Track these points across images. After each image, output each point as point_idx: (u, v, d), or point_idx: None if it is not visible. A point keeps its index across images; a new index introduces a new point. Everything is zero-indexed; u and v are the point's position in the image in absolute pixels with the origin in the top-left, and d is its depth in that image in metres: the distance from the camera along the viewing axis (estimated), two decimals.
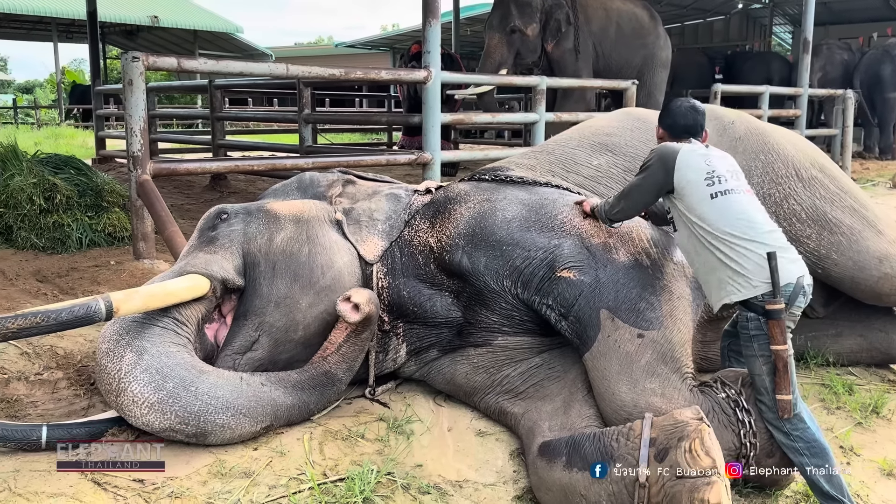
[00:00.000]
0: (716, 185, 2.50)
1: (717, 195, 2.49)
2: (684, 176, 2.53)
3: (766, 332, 2.35)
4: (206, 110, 10.43)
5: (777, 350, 2.33)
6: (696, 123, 2.73)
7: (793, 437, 2.39)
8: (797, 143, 3.88)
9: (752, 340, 2.41)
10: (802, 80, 10.84)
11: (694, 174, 2.52)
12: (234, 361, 2.79)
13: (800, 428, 2.38)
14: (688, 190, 2.52)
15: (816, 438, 2.38)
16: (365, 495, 2.35)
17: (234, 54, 24.95)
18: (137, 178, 4.40)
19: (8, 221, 5.26)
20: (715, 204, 2.48)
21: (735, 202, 2.49)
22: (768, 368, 2.38)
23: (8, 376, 3.03)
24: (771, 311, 2.33)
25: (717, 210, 2.47)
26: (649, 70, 10.25)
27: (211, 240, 2.98)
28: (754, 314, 2.39)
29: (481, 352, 3.02)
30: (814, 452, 2.37)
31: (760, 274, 2.37)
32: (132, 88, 4.37)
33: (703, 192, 2.50)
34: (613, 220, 2.81)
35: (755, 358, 2.41)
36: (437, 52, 5.91)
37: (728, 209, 2.47)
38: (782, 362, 2.33)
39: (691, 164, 2.54)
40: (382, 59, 27.58)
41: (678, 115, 2.74)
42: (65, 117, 22.51)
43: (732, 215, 2.46)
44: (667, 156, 2.59)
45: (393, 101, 14.83)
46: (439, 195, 3.29)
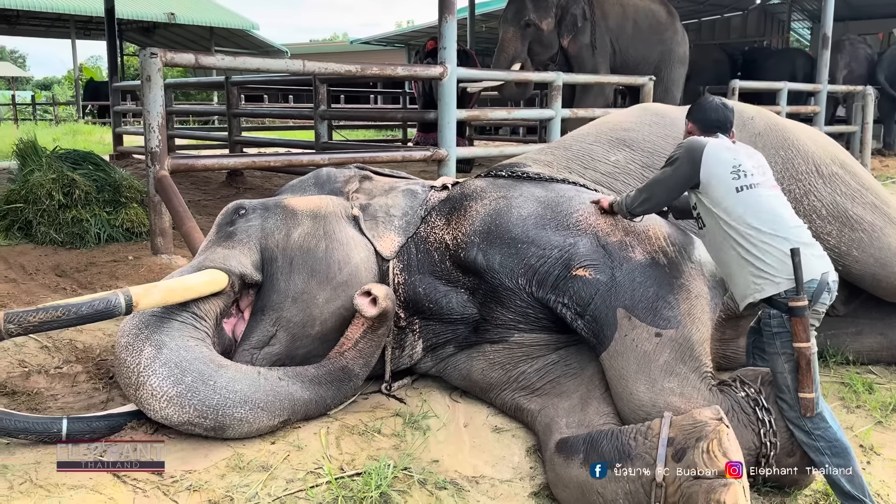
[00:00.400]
0: (741, 178, 2.48)
1: (742, 189, 2.46)
2: (710, 169, 2.51)
3: (789, 329, 2.33)
4: (223, 107, 10.47)
5: (800, 347, 2.30)
6: (727, 119, 2.72)
7: (814, 436, 2.36)
8: (817, 139, 3.84)
9: (774, 338, 2.38)
10: (821, 76, 10.74)
11: (720, 168, 2.50)
12: (251, 356, 2.80)
13: (821, 427, 2.35)
14: (713, 183, 2.50)
15: (838, 438, 2.35)
16: (382, 490, 2.35)
17: (250, 51, 25.05)
18: (155, 173, 4.43)
19: (28, 216, 5.32)
20: (740, 198, 2.46)
21: (761, 197, 2.46)
22: (790, 366, 2.35)
23: (28, 369, 3.06)
24: (794, 308, 2.31)
25: (743, 204, 2.45)
26: (667, 66, 10.18)
27: (229, 235, 2.99)
28: (777, 311, 2.36)
29: (497, 348, 3.01)
30: (835, 452, 2.35)
31: (783, 270, 2.34)
32: (150, 84, 4.39)
33: (729, 186, 2.48)
34: (635, 213, 2.78)
35: (777, 355, 2.38)
36: (453, 48, 5.90)
37: (753, 203, 2.45)
38: (805, 360, 2.30)
39: (718, 158, 2.52)
40: (397, 56, 27.59)
41: (709, 110, 2.72)
42: (81, 114, 22.69)
43: (758, 210, 2.43)
44: (693, 149, 2.57)
45: (408, 97, 14.84)
46: (455, 191, 3.28)
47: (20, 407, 2.78)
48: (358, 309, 2.77)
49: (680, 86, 10.54)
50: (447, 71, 5.84)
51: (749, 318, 3.32)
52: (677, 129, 3.53)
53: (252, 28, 24.55)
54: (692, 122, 2.76)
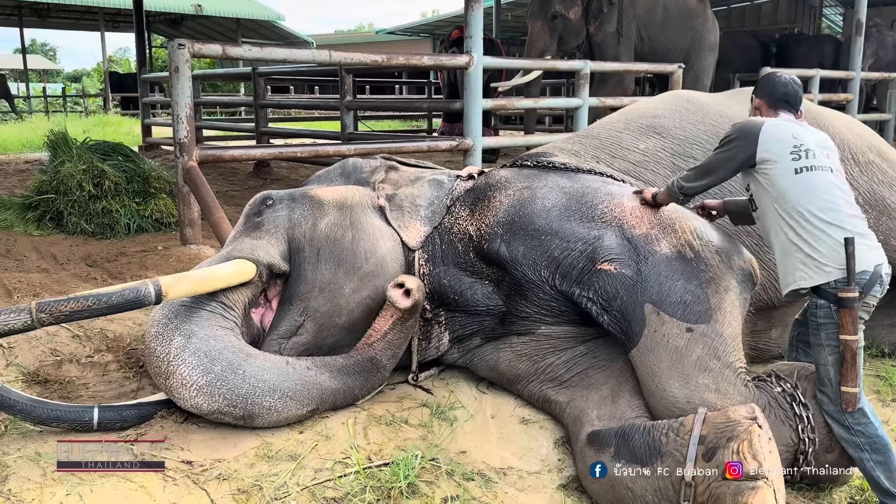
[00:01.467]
0: (802, 159, 2.37)
1: (801, 170, 2.36)
2: (768, 148, 2.41)
3: (836, 320, 2.25)
4: (250, 98, 10.53)
5: (846, 340, 2.22)
6: (796, 94, 2.61)
7: (854, 431, 2.30)
8: (853, 126, 3.76)
9: (820, 329, 2.31)
10: (854, 63, 10.50)
11: (778, 146, 2.41)
12: (279, 346, 2.81)
13: (862, 422, 2.29)
14: (771, 162, 2.40)
15: (878, 434, 2.29)
16: (409, 480, 2.35)
17: (276, 42, 25.14)
18: (184, 164, 4.45)
19: (59, 207, 5.40)
20: (799, 180, 2.36)
21: (821, 180, 2.36)
22: (834, 359, 2.28)
23: (60, 358, 3.10)
24: (843, 299, 2.22)
25: (801, 186, 2.35)
26: (696, 54, 10.03)
27: (257, 225, 3.00)
28: (825, 301, 2.28)
29: (524, 340, 2.98)
30: (875, 448, 2.29)
31: (835, 259, 2.26)
32: (178, 76, 4.41)
33: (788, 166, 2.38)
34: (687, 194, 2.68)
35: (821, 347, 2.31)
36: (479, 36, 5.86)
37: (812, 187, 2.34)
38: (851, 353, 2.23)
39: (776, 136, 2.42)
40: (422, 46, 27.53)
41: (779, 84, 2.62)
42: (105, 106, 22.96)
43: (815, 194, 2.33)
44: (749, 128, 2.48)
45: (433, 87, 14.80)
46: (480, 181, 3.26)
47: (52, 395, 2.82)
48: (391, 300, 2.77)
49: (710, 74, 10.39)
50: (473, 60, 5.80)
51: (782, 308, 3.27)
52: (708, 115, 3.47)
53: (278, 19, 24.63)
54: (760, 98, 2.65)
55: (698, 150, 3.34)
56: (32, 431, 2.55)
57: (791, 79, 2.64)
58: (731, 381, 2.45)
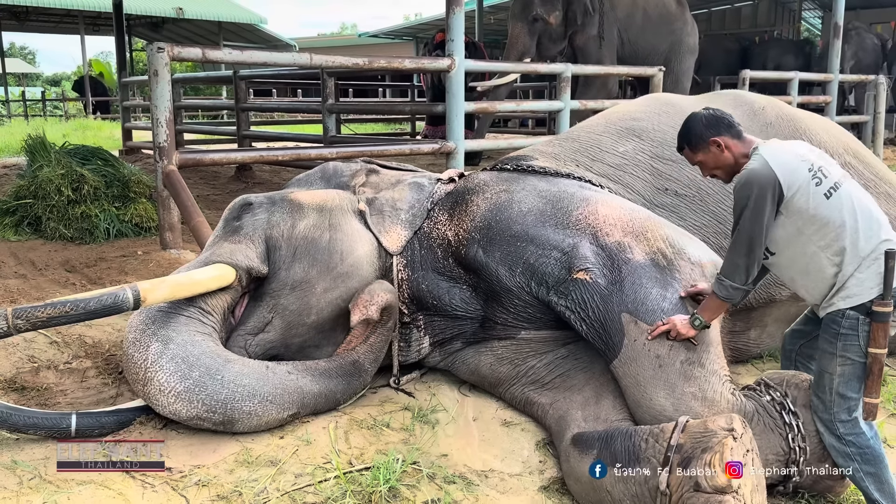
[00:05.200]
0: (823, 181, 2.25)
1: (830, 194, 2.24)
2: (793, 183, 2.24)
3: (859, 332, 2.18)
4: (231, 101, 10.47)
5: (876, 353, 2.17)
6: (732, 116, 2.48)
7: (845, 440, 2.29)
8: (829, 128, 3.80)
9: (838, 338, 2.23)
10: (833, 65, 10.63)
11: (796, 176, 2.25)
12: (245, 342, 2.80)
13: (855, 432, 2.27)
14: (798, 196, 2.24)
15: (870, 445, 2.27)
16: (390, 484, 2.34)
17: (258, 45, 25.03)
18: (164, 168, 4.42)
19: (37, 212, 5.34)
20: (832, 204, 2.23)
21: (852, 197, 2.25)
22: (843, 370, 2.22)
23: (38, 365, 3.07)
24: (878, 314, 2.16)
25: (836, 209, 2.22)
26: (676, 56, 10.11)
27: (236, 229, 2.98)
28: (855, 312, 2.20)
29: (505, 344, 2.98)
30: (866, 459, 2.27)
31: (879, 278, 2.17)
32: (157, 79, 4.39)
33: (815, 192, 2.24)
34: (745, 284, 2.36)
35: (833, 356, 2.24)
36: (460, 40, 5.87)
37: (845, 207, 2.23)
38: (879, 366, 2.18)
39: (790, 166, 2.26)
40: (405, 49, 27.52)
41: (723, 116, 2.45)
42: (91, 110, 22.77)
43: (853, 213, 2.22)
44: (759, 173, 2.26)
45: (416, 90, 14.80)
46: (460, 185, 3.26)
47: (30, 402, 2.79)
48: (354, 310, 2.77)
49: (690, 76, 10.48)
50: (455, 63, 5.81)
51: (760, 309, 3.30)
52: None
53: (260, 22, 24.53)
54: (719, 137, 2.41)
55: (677, 153, 3.36)
56: (9, 439, 2.52)
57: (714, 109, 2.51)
58: (716, 388, 2.44)
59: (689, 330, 2.45)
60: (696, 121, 2.47)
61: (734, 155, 2.41)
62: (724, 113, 2.48)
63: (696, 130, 2.46)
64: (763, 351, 3.57)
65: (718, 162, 2.44)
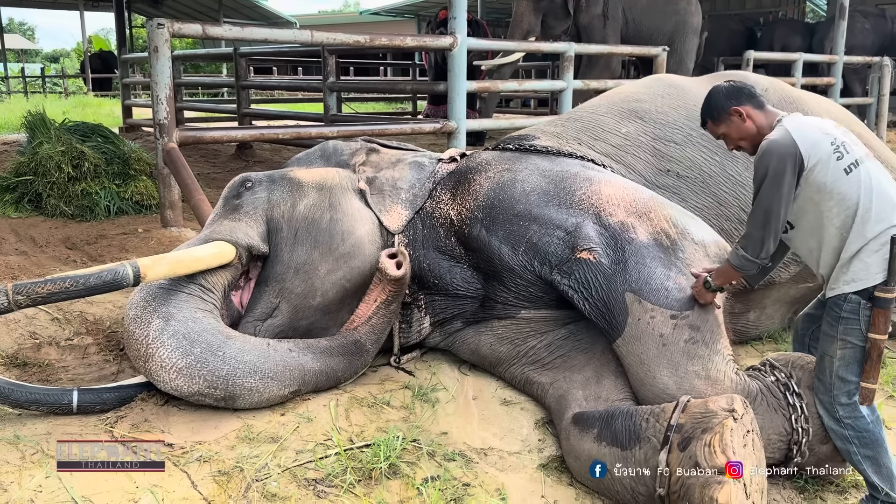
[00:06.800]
0: (845, 156, 2.21)
1: (850, 169, 2.20)
2: (813, 155, 2.21)
3: (860, 316, 2.18)
4: (232, 79, 10.42)
5: (876, 338, 2.17)
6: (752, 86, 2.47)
7: (844, 423, 2.30)
8: (832, 110, 3.78)
9: (839, 322, 2.23)
10: (837, 46, 10.55)
11: (818, 149, 2.22)
12: (254, 328, 2.81)
13: (854, 415, 2.28)
14: (818, 169, 2.21)
15: (869, 429, 2.28)
16: (391, 461, 2.36)
17: (258, 22, 24.84)
18: (164, 145, 4.41)
19: (37, 189, 5.33)
20: (851, 180, 2.20)
21: (871, 175, 2.21)
22: (843, 354, 2.23)
23: (40, 341, 3.08)
24: (880, 299, 2.15)
25: (854, 185, 2.19)
26: (680, 37, 10.03)
27: (236, 207, 2.98)
28: (857, 297, 2.19)
29: (505, 324, 2.99)
30: (864, 442, 2.28)
31: (882, 261, 2.15)
32: (157, 55, 4.36)
33: (835, 167, 2.21)
34: (763, 256, 2.33)
35: (834, 339, 2.25)
36: (463, 18, 5.82)
37: (863, 184, 2.19)
38: (878, 351, 2.18)
39: (811, 138, 2.23)
40: (408, 27, 27.32)
41: (745, 86, 2.43)
42: (89, 85, 22.64)
43: (868, 191, 2.19)
44: (780, 142, 2.23)
45: (418, 69, 14.72)
46: (462, 164, 3.25)
47: (31, 378, 2.80)
48: (383, 268, 2.75)
49: (693, 57, 10.40)
50: (457, 41, 5.77)
51: (760, 291, 3.30)
52: (689, 99, 3.48)
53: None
54: (741, 107, 2.38)
55: (679, 134, 3.35)
56: (11, 415, 2.53)
57: (735, 80, 2.51)
58: (720, 368, 2.45)
59: (704, 293, 2.48)
60: (717, 92, 2.45)
61: (757, 125, 2.37)
62: (745, 84, 2.46)
63: (717, 102, 2.43)
64: (762, 332, 3.58)
65: (741, 132, 2.41)
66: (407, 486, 2.31)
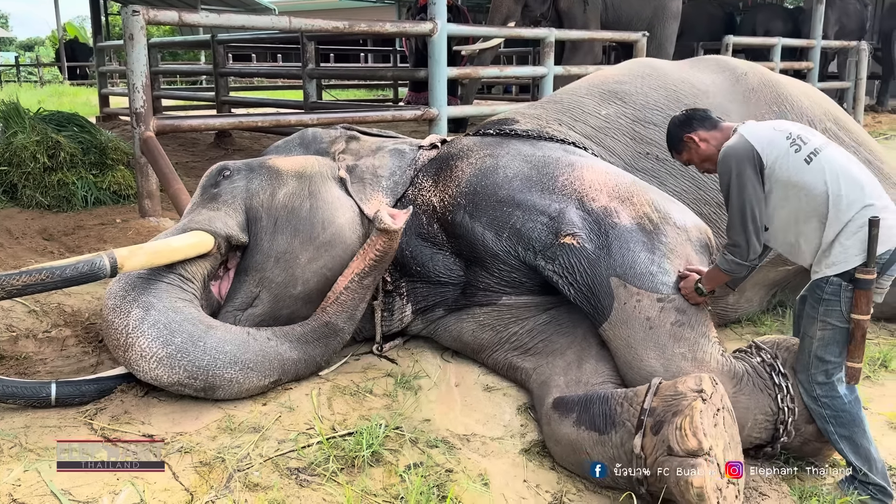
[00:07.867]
0: (803, 147, 2.29)
1: (810, 158, 2.28)
2: (771, 153, 2.30)
3: (841, 298, 2.21)
4: (210, 66, 10.30)
5: (858, 319, 2.20)
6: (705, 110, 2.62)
7: (821, 402, 2.34)
8: (811, 94, 3.81)
9: (820, 303, 2.27)
10: (815, 31, 10.61)
11: (774, 145, 2.31)
12: (235, 318, 2.78)
13: (830, 395, 2.32)
14: (779, 164, 2.30)
15: (846, 409, 2.31)
16: (373, 449, 2.36)
17: (236, 8, 24.53)
18: (141, 134, 4.35)
19: (12, 179, 5.25)
20: (814, 168, 2.26)
21: (833, 161, 2.28)
22: (822, 335, 2.27)
23: (16, 334, 3.04)
24: (861, 281, 2.18)
25: (820, 172, 2.25)
26: (660, 22, 10.03)
27: (214, 196, 2.95)
28: (838, 279, 2.22)
29: (486, 310, 2.99)
30: (840, 422, 2.32)
31: (863, 245, 2.18)
32: (133, 43, 4.29)
33: (795, 159, 2.28)
34: (752, 259, 2.40)
35: (815, 320, 2.29)
36: (443, 3, 5.78)
37: (830, 170, 2.25)
38: (861, 332, 2.21)
39: (765, 137, 2.33)
40: (388, 13, 27.07)
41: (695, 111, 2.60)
42: (65, 73, 22.30)
43: (835, 177, 2.24)
44: (735, 147, 2.34)
45: (399, 55, 14.62)
46: (443, 151, 3.24)
47: (8, 372, 2.77)
48: (380, 221, 2.67)
49: (673, 42, 10.40)
50: (437, 27, 5.73)
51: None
52: (669, 81, 3.49)
53: None
54: (694, 133, 2.52)
55: (659, 116, 3.36)
56: None
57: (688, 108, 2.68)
58: (706, 349, 2.48)
59: (694, 296, 2.53)
60: (672, 123, 2.62)
61: (714, 145, 2.49)
62: (697, 109, 2.60)
63: (673, 133, 2.60)
64: (741, 316, 3.62)
65: (701, 155, 2.54)
66: (390, 473, 2.31)
